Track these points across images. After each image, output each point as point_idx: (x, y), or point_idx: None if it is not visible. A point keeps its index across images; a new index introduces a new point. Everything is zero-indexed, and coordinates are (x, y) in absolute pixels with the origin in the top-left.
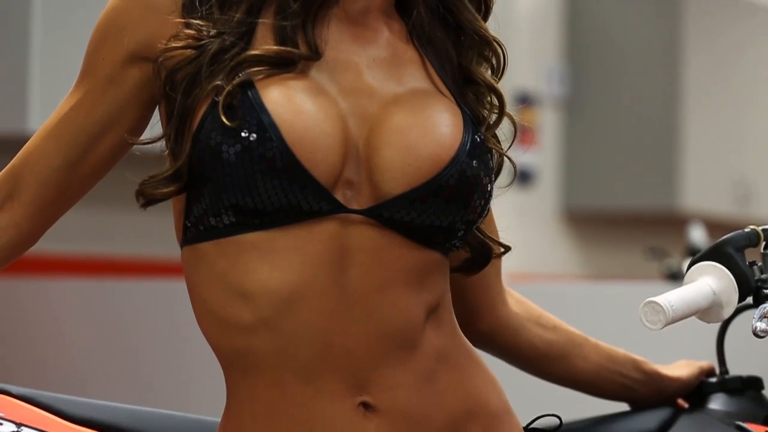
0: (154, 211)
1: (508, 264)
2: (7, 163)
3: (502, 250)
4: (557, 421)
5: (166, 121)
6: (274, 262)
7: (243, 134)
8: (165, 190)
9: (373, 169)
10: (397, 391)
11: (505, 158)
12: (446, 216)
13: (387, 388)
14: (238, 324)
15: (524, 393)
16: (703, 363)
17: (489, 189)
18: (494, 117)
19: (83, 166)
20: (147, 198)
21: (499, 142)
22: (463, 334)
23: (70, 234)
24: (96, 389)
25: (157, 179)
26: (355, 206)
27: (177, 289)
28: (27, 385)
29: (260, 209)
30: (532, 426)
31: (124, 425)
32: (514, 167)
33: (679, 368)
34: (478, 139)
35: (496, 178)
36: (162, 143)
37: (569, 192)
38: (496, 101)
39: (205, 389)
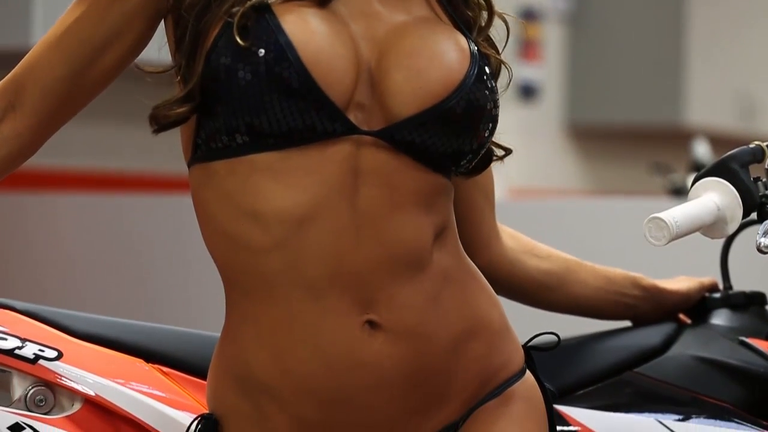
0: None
1: (511, 179)
2: None
3: (503, 153)
4: (555, 339)
5: (176, 46)
6: (286, 183)
7: (259, 53)
8: (178, 110)
9: (384, 92)
10: (403, 311)
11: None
12: (454, 141)
13: (394, 308)
14: (248, 243)
15: (523, 312)
16: (705, 278)
17: (495, 116)
18: (484, 16)
19: (87, 78)
20: (160, 121)
21: (495, 49)
22: (466, 255)
23: (74, 149)
24: (100, 305)
25: (169, 102)
26: (366, 128)
27: (181, 204)
28: (30, 301)
29: (274, 130)
30: (530, 344)
31: (128, 340)
32: (510, 73)
33: (679, 282)
34: (485, 68)
35: (495, 82)
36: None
37: (573, 107)
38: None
39: (209, 305)
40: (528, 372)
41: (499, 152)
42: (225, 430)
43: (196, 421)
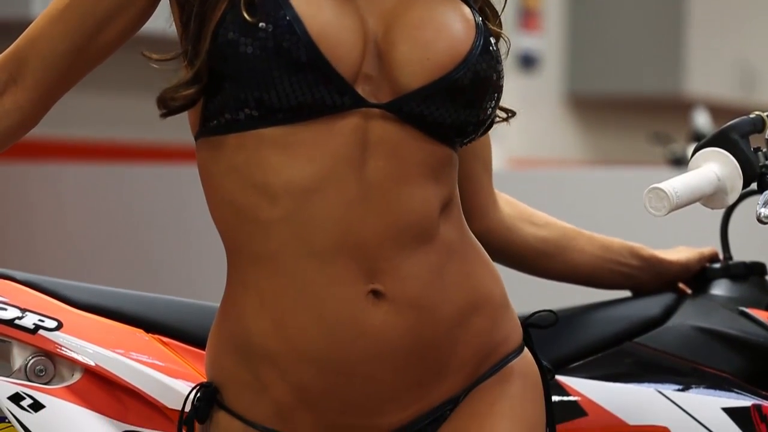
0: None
1: (511, 149)
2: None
3: (506, 115)
4: (553, 316)
5: (182, 30)
6: (294, 155)
7: (266, 28)
8: (185, 93)
9: (391, 65)
10: (408, 282)
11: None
12: (461, 113)
13: (399, 278)
14: (255, 215)
15: (519, 285)
16: (705, 248)
17: (500, 87)
18: None
19: (89, 51)
20: (168, 105)
21: (498, 20)
22: (469, 229)
23: (75, 118)
24: (101, 275)
25: (177, 85)
26: (373, 101)
27: (183, 174)
28: (31, 271)
29: (283, 104)
30: (529, 322)
31: (128, 311)
32: (507, 44)
33: (679, 252)
34: (491, 39)
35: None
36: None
37: (573, 77)
38: None
39: (209, 275)
40: (526, 349)
41: (502, 114)
42: (224, 398)
43: (195, 390)
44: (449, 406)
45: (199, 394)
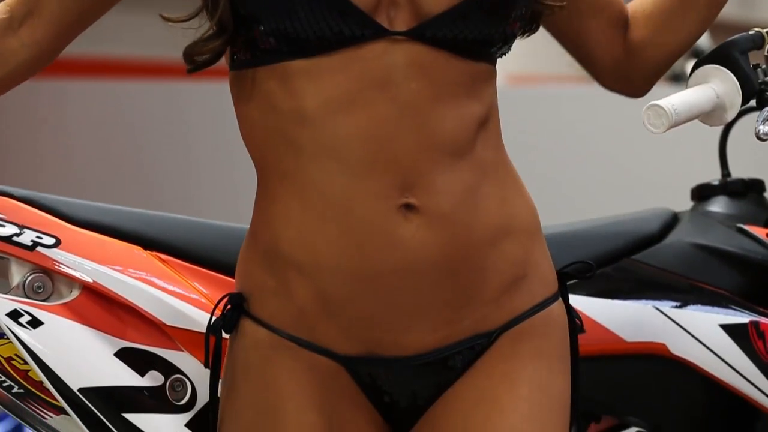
0: (163, 12)
1: (508, 66)
2: None
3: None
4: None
5: None
6: (321, 83)
7: None
8: (211, 45)
9: None
10: (442, 197)
11: None
12: (488, 29)
13: (433, 193)
14: (286, 136)
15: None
16: None
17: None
18: None
19: None
20: (194, 60)
21: None
22: (506, 151)
23: (81, 36)
24: (100, 192)
25: (202, 38)
26: (398, 27)
27: (184, 91)
28: (29, 188)
29: (302, 37)
30: (564, 270)
31: (126, 228)
32: None
33: None
34: None
35: None
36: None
37: None
38: None
39: (208, 192)
40: (559, 301)
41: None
42: (250, 307)
43: (223, 300)
44: (481, 340)
45: (228, 304)
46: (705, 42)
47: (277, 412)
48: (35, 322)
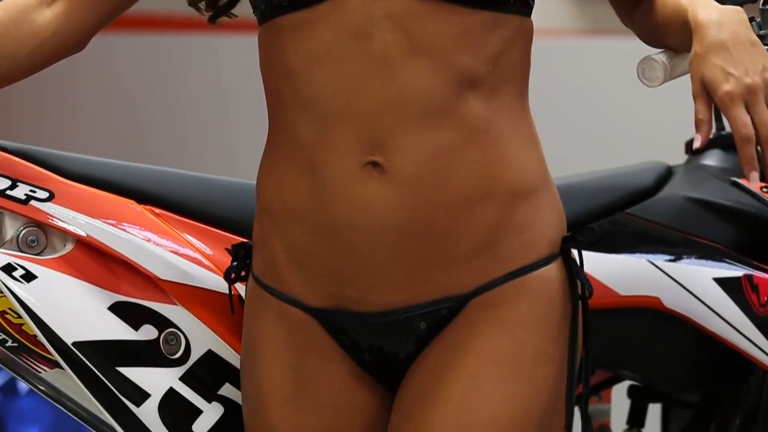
0: None
1: None
2: None
3: None
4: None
5: None
6: (303, 36)
7: None
8: None
9: None
10: (409, 156)
11: None
12: None
13: (400, 152)
14: (276, 91)
15: None
16: None
17: None
18: None
19: None
20: (215, 6)
21: None
22: (526, 109)
23: None
24: (93, 146)
25: None
26: None
27: (177, 44)
28: (22, 141)
29: None
30: (568, 237)
31: (119, 181)
32: None
33: None
34: None
35: None
36: None
37: None
38: None
39: (203, 146)
40: (554, 266)
41: None
42: (253, 256)
43: (235, 247)
44: (448, 303)
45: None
46: None
47: (255, 359)
48: (29, 276)
